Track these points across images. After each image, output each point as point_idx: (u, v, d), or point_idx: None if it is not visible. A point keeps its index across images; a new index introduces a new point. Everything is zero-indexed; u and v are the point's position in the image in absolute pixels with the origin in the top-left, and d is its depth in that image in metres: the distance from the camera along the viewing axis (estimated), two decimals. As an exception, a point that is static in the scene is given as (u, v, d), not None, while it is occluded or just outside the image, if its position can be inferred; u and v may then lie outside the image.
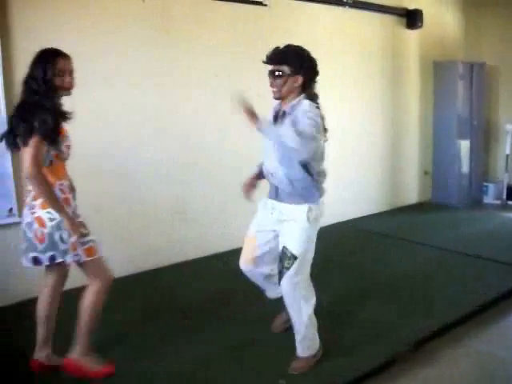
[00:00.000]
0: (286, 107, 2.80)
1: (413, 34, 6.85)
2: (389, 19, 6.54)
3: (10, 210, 3.86)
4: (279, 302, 3.05)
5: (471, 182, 7.25)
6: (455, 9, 7.49)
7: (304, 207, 2.77)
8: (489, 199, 7.45)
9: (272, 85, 2.80)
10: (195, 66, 4.76)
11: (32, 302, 3.79)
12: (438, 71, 7.09)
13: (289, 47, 2.83)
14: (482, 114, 7.35)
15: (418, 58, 7.04)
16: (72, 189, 2.87)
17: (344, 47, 5.87)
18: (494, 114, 7.80)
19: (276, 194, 2.88)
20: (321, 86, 3.60)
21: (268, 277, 3.10)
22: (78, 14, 4.05)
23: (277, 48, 2.82)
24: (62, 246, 2.64)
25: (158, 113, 4.60)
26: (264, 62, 2.81)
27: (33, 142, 2.53)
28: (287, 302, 2.88)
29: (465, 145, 7.07)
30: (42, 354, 2.90)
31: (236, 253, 3.22)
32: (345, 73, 5.75)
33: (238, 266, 3.12)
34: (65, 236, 2.62)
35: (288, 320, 3.05)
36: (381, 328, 3.40)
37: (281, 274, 2.82)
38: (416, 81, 7.08)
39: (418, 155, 7.30)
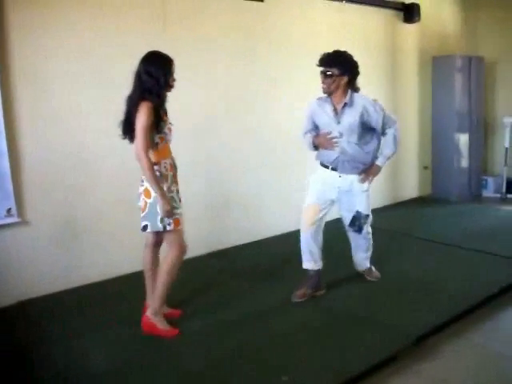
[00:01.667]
0: (344, 100, 3.59)
1: (410, 29, 6.84)
2: (386, 14, 6.53)
3: (9, 210, 3.84)
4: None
5: (470, 176, 7.26)
6: (453, 3, 7.47)
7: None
8: (488, 193, 7.46)
9: (323, 82, 3.58)
10: (190, 60, 4.72)
11: (33, 302, 3.86)
12: (436, 65, 7.08)
13: (337, 52, 3.57)
14: (481, 108, 7.34)
15: (416, 53, 7.03)
16: (174, 167, 3.33)
17: (341, 42, 5.74)
18: (493, 108, 7.80)
19: (342, 168, 3.71)
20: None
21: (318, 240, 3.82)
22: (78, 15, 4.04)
23: (327, 53, 3.56)
24: (158, 217, 3.12)
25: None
26: (317, 65, 3.55)
27: (143, 109, 3.03)
28: (367, 237, 4.02)
29: (464, 139, 7.06)
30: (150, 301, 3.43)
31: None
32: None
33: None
34: (176, 204, 3.21)
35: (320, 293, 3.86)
36: (382, 323, 3.40)
37: (360, 228, 3.88)
38: (414, 75, 7.07)
39: (418, 150, 7.30)
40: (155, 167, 3.12)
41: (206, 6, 4.80)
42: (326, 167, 3.79)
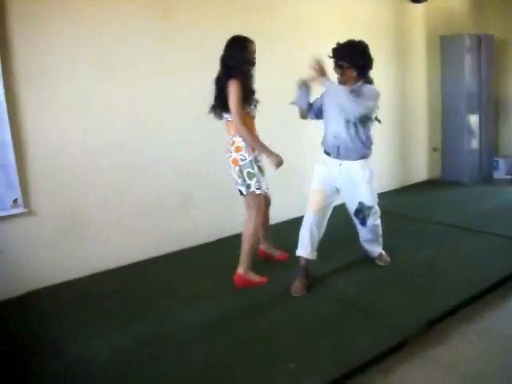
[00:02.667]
0: (352, 88, 3.53)
1: (418, 9, 6.71)
2: (393, -6, 6.41)
3: (15, 200, 3.84)
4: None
5: (481, 158, 7.15)
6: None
7: (363, 161, 3.68)
8: (499, 174, 7.35)
9: (336, 72, 3.62)
10: (195, 53, 4.67)
11: (40, 292, 3.87)
12: (445, 45, 6.95)
13: (349, 44, 3.57)
14: (491, 88, 7.21)
15: (424, 33, 6.90)
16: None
17: (348, 25, 5.74)
18: (504, 88, 7.66)
19: (338, 153, 3.67)
20: (327, 65, 3.58)
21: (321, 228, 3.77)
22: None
23: (338, 44, 3.58)
24: (248, 181, 3.66)
25: (157, 104, 4.53)
26: (329, 57, 3.58)
27: (232, 86, 3.51)
28: (374, 230, 3.95)
29: (474, 119, 6.96)
30: (263, 245, 4.28)
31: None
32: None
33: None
34: (252, 171, 3.65)
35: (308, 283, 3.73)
36: (391, 309, 3.37)
37: (364, 219, 3.83)
38: (423, 56, 6.96)
39: (427, 131, 7.20)
40: (240, 139, 3.63)
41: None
42: (328, 154, 3.75)
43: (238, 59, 3.58)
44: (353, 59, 3.54)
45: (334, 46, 3.60)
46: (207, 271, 4.18)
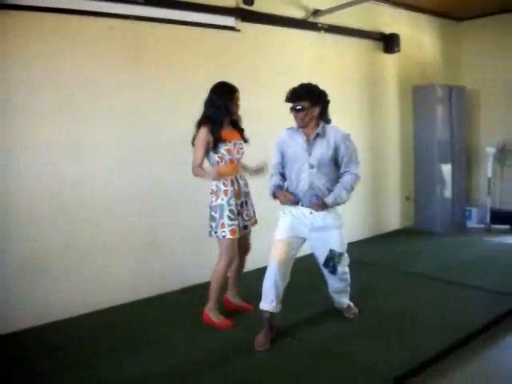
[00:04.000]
0: (316, 130, 3.51)
1: (391, 58, 6.81)
2: (366, 44, 6.50)
3: None
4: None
5: (454, 207, 7.14)
6: (433, 33, 7.48)
7: (334, 208, 3.57)
8: (472, 223, 7.34)
9: (296, 117, 3.51)
10: (168, 91, 4.65)
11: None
12: (417, 95, 7.02)
13: (303, 86, 3.48)
14: (463, 138, 7.28)
15: (397, 82, 6.99)
16: (237, 182, 3.80)
17: (320, 72, 5.76)
18: (475, 138, 7.76)
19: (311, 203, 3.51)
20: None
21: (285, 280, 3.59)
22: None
23: (294, 88, 3.48)
24: (210, 223, 3.76)
25: (131, 140, 4.46)
26: (285, 101, 3.48)
27: (200, 132, 3.64)
28: (343, 278, 3.78)
29: (446, 169, 6.98)
30: (230, 293, 4.16)
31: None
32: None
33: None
34: (214, 215, 3.73)
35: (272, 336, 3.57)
36: (359, 363, 3.21)
37: (334, 268, 3.64)
38: (395, 105, 7.01)
39: (400, 180, 7.19)
40: (214, 182, 3.73)
41: (178, 35, 4.71)
42: (296, 203, 3.59)
43: (215, 107, 3.66)
44: (313, 97, 3.45)
45: (288, 92, 3.48)
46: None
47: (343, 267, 3.75)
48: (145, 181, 4.54)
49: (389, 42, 6.64)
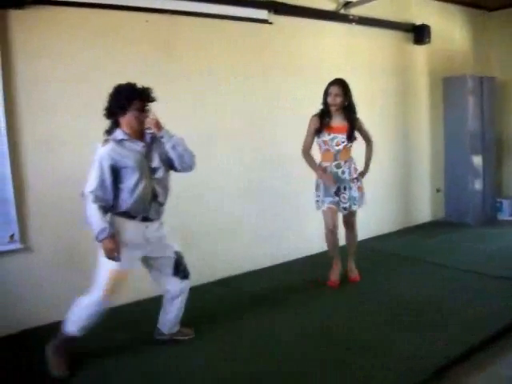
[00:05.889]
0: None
1: (421, 50, 6.76)
2: (396, 35, 6.46)
3: (12, 236, 3.76)
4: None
5: (485, 199, 7.08)
6: (463, 23, 7.40)
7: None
8: (503, 216, 7.27)
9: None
10: (198, 85, 4.69)
11: (35, 330, 3.74)
12: (448, 86, 6.97)
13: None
14: (494, 129, 7.21)
15: (427, 74, 6.94)
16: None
17: (351, 64, 5.78)
18: (506, 129, 7.67)
19: (155, 214, 3.26)
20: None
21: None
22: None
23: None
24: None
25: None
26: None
27: None
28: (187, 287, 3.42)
29: (477, 160, 6.92)
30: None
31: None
32: (352, 91, 5.68)
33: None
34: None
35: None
36: (398, 355, 3.23)
37: (185, 269, 3.39)
38: (425, 97, 6.97)
39: (430, 172, 7.15)
40: None
41: (214, 30, 4.76)
42: (132, 218, 3.13)
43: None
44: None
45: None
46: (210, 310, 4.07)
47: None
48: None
49: (419, 33, 6.58)
